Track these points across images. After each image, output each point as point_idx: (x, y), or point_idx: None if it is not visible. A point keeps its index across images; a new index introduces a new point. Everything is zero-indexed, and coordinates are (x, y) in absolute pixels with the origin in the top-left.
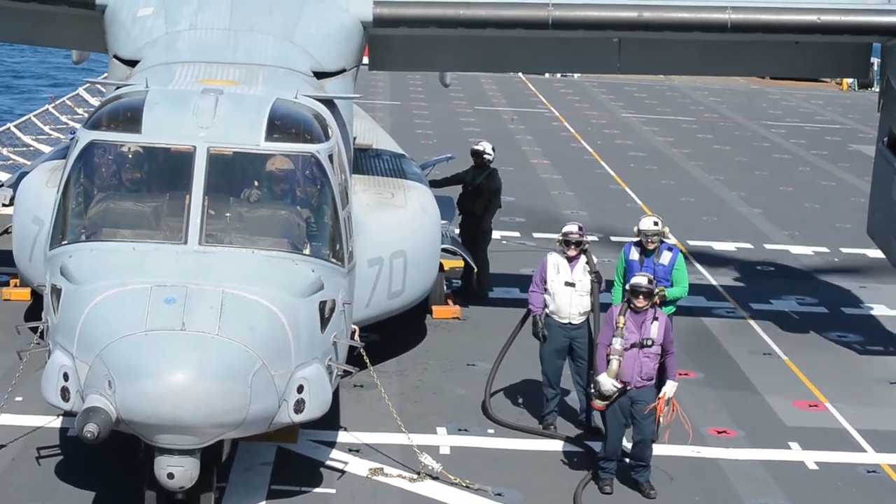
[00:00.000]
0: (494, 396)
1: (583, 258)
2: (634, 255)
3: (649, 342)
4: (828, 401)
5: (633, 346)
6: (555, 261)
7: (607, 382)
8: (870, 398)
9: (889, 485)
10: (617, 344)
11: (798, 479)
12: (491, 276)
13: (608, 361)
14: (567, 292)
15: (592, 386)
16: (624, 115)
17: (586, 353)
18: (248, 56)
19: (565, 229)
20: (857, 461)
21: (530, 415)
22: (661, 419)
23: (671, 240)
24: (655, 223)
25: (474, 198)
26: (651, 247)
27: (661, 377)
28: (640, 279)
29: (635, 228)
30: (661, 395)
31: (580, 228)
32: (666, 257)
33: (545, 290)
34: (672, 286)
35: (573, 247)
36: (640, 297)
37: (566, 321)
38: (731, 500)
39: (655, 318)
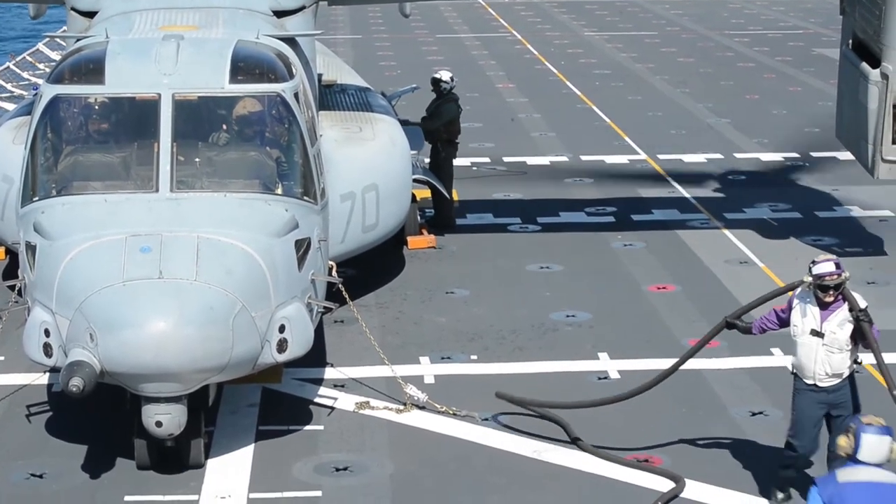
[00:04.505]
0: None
1: (844, 306)
2: None
3: None
4: None
5: None
6: (802, 302)
7: None
8: None
9: (871, 382)
10: None
11: (782, 385)
12: (463, 203)
13: None
14: (812, 344)
15: None
16: (586, 34)
17: None
18: None
19: (818, 270)
20: None
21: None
22: None
23: None
24: None
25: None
26: None
27: None
28: None
29: None
30: None
31: (838, 266)
32: None
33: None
34: None
35: (831, 292)
36: None
37: (811, 382)
38: (717, 409)
39: None
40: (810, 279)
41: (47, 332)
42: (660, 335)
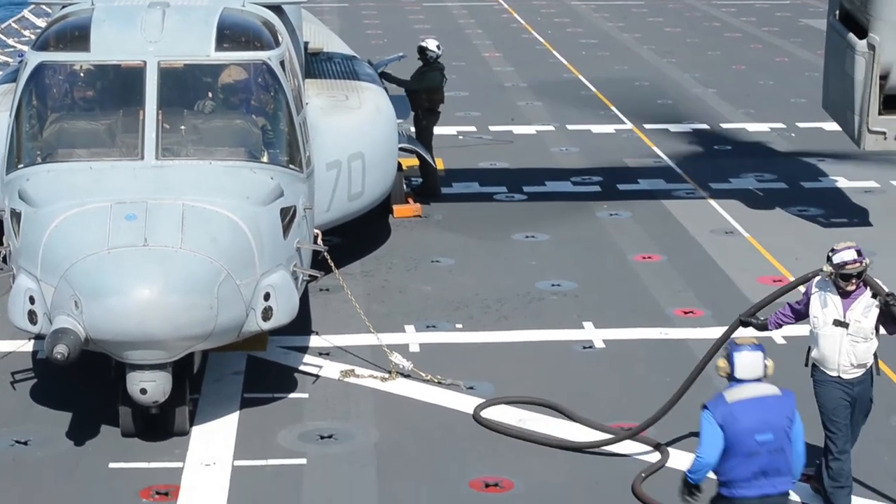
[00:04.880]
0: None
1: (866, 292)
2: None
3: None
4: (791, 275)
5: None
6: (822, 292)
7: None
8: None
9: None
10: None
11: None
12: (449, 172)
13: None
14: (836, 335)
15: None
16: (573, 3)
17: (863, 422)
18: None
19: (839, 258)
20: None
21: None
22: None
23: None
24: None
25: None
26: None
27: None
28: None
29: None
30: None
31: (859, 253)
32: None
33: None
34: None
35: (853, 281)
36: None
37: (835, 374)
38: (701, 379)
39: None
40: (830, 268)
41: (32, 300)
42: (645, 305)
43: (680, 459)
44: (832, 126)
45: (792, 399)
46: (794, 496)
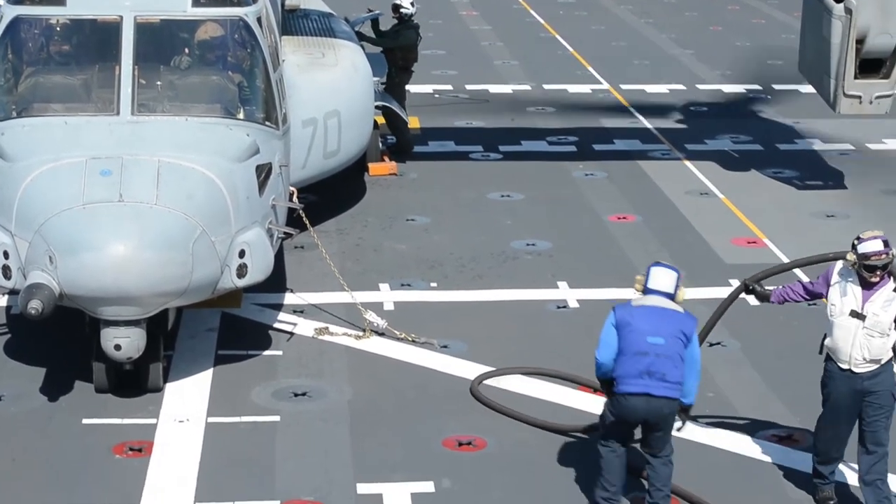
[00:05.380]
0: None
1: (888, 284)
2: None
3: None
4: (766, 236)
5: None
6: (843, 279)
7: None
8: (807, 231)
9: None
10: None
11: (740, 316)
12: (425, 131)
13: None
14: (851, 326)
15: None
16: None
17: (883, 417)
18: None
19: (865, 248)
20: None
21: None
22: None
23: None
24: None
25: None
26: None
27: None
28: None
29: None
30: None
31: (886, 243)
32: None
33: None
34: None
35: (877, 272)
36: None
37: (846, 367)
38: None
39: None
40: (854, 257)
41: (6, 254)
42: (619, 265)
43: None
44: (808, 88)
45: (693, 322)
46: (765, 456)
